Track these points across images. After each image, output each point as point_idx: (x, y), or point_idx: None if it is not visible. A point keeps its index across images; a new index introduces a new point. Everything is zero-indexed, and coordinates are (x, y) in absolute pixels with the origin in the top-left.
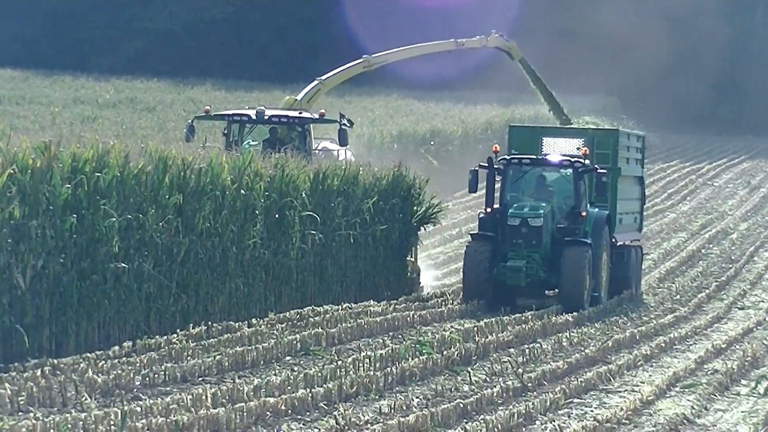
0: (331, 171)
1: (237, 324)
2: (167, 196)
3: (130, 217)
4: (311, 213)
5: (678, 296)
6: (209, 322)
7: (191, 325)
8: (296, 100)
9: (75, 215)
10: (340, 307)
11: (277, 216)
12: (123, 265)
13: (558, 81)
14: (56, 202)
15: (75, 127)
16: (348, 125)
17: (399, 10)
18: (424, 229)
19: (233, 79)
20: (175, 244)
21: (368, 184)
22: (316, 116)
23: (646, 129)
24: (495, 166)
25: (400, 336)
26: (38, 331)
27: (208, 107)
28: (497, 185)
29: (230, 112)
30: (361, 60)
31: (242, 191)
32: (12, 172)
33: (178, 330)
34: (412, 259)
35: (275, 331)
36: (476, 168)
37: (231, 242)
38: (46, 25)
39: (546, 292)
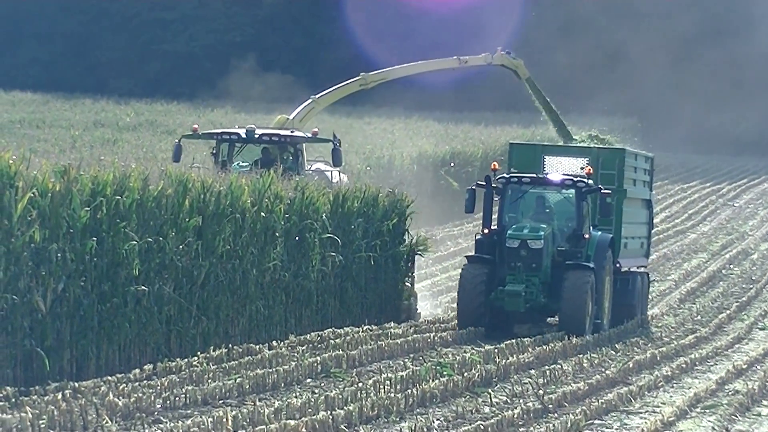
0: (351, 193)
1: (257, 346)
2: (187, 219)
3: (150, 240)
4: (331, 235)
5: (698, 317)
6: (230, 345)
7: (212, 347)
8: (288, 119)
9: (95, 238)
10: (360, 329)
11: (297, 238)
12: (143, 288)
13: (576, 101)
14: (76, 226)
15: (95, 150)
16: (337, 143)
17: (418, 30)
18: (420, 255)
19: (253, 101)
20: (195, 266)
21: (388, 205)
22: (309, 135)
23: (666, 149)
24: (493, 185)
25: (420, 358)
26: (59, 354)
27: (196, 126)
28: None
29: (219, 130)
30: (358, 78)
31: (262, 213)
32: (32, 195)
33: (199, 353)
34: (409, 285)
35: (296, 354)
36: (473, 187)
37: (251, 265)
38: (65, 47)
39: (548, 319)
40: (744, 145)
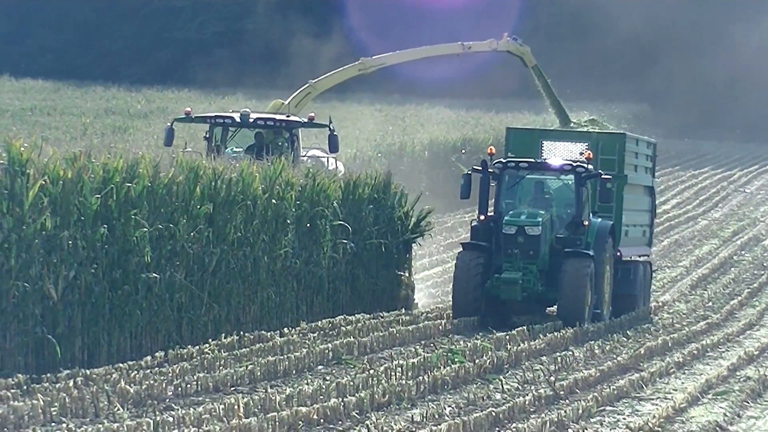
0: (362, 180)
1: (269, 333)
2: (198, 206)
3: (161, 227)
4: (342, 222)
5: (710, 303)
6: (241, 332)
7: (223, 334)
8: (283, 103)
9: (106, 226)
10: (371, 315)
11: (308, 225)
12: (155, 275)
13: (587, 88)
14: (87, 213)
15: (106, 138)
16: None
17: (428, 17)
18: (419, 244)
19: (265, 88)
20: (206, 254)
21: (400, 192)
22: (305, 120)
23: (676, 136)
24: (490, 170)
25: (431, 345)
26: (70, 342)
27: (188, 109)
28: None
29: (212, 114)
30: (357, 62)
31: (273, 201)
32: (43, 183)
33: (210, 340)
34: (406, 275)
35: (307, 341)
36: (469, 172)
37: (262, 252)
38: (76, 35)
39: (547, 309)
40: (755, 131)
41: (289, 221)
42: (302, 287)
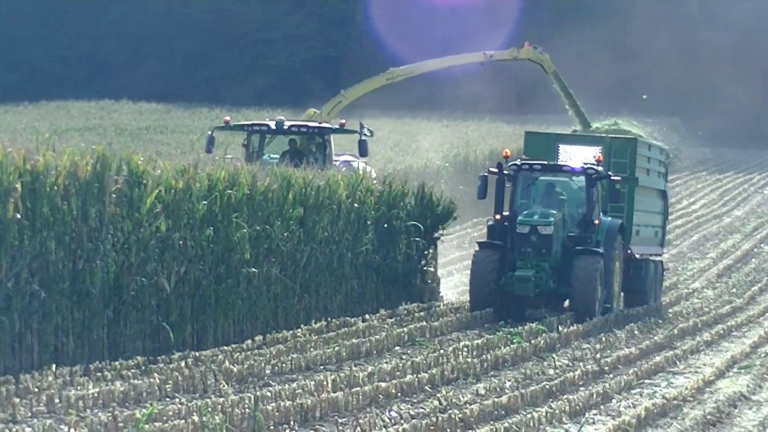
0: (430, 188)
1: (353, 319)
2: (291, 210)
3: (258, 228)
4: (415, 222)
5: (734, 289)
6: (329, 318)
7: (313, 321)
8: (315, 112)
9: (212, 227)
10: (441, 303)
11: (385, 226)
12: (254, 270)
13: (618, 102)
14: (195, 217)
15: None
16: (369, 135)
17: (450, 23)
18: (441, 237)
19: (348, 107)
20: (298, 251)
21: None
22: (336, 127)
23: (703, 144)
24: (505, 172)
25: (493, 328)
26: (182, 328)
27: (227, 117)
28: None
29: (249, 122)
30: (386, 72)
31: (356, 205)
32: (158, 191)
33: (302, 325)
34: (432, 269)
35: (386, 325)
36: (485, 173)
37: (346, 249)
38: (184, 63)
39: (565, 303)
40: None
41: (369, 222)
42: (381, 279)
